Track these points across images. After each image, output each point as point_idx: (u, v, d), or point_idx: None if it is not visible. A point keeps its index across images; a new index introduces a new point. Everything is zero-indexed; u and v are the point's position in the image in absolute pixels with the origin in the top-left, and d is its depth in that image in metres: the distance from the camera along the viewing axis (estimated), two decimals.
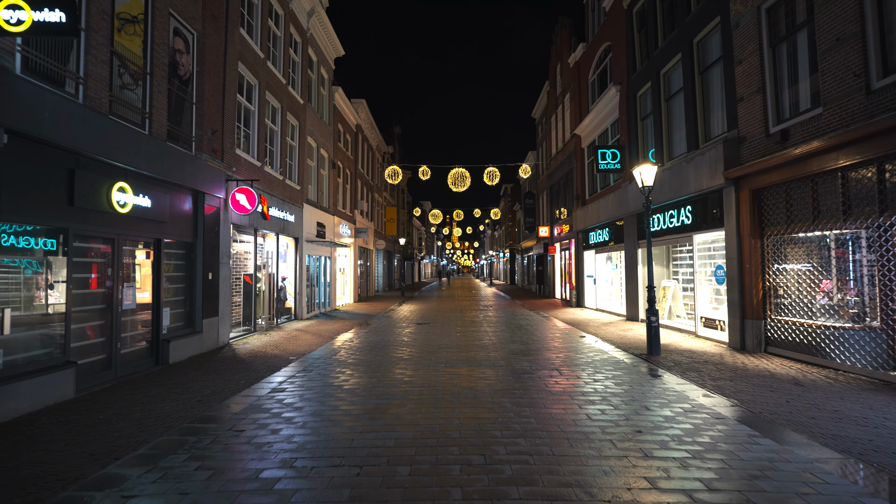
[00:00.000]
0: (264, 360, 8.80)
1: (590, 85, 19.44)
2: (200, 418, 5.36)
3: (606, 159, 15.13)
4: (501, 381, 7.00)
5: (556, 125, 25.56)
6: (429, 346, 10.10)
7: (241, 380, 7.24)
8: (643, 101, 14.26)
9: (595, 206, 17.93)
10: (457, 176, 19.75)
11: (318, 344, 10.62)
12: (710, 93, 10.69)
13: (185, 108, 9.13)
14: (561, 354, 9.06)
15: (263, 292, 13.51)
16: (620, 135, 15.58)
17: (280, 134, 13.76)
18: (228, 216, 10.46)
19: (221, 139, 10.18)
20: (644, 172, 9.11)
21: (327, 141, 19.10)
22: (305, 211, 16.01)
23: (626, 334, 11.78)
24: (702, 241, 11.11)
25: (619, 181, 15.89)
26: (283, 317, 14.73)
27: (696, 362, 8.26)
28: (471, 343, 10.53)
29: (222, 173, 10.06)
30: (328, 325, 14.02)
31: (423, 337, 11.53)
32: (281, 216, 13.54)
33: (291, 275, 15.28)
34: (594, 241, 18.46)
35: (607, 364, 8.16)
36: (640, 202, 13.63)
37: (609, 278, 18.28)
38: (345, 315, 17.20)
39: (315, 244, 17.03)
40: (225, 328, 10.30)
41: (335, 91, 20.00)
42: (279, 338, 11.47)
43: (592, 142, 18.84)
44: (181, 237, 8.92)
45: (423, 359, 8.75)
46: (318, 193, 18.01)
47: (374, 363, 8.38)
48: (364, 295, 27.15)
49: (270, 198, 12.90)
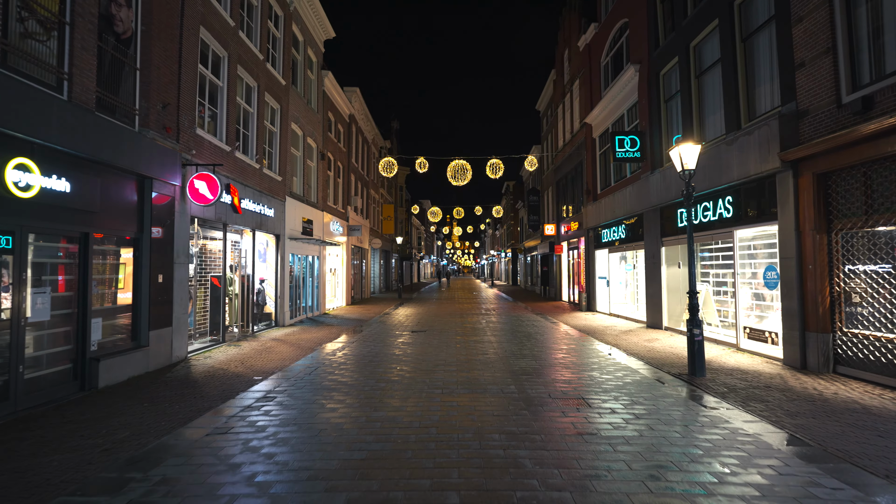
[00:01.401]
0: (222, 381, 7.20)
1: (602, 69, 17.82)
2: (90, 485, 3.74)
3: (625, 147, 13.52)
4: (514, 417, 5.38)
5: (563, 116, 23.93)
6: (424, 363, 8.49)
7: (179, 412, 5.63)
8: (667, 80, 12.64)
9: (609, 201, 16.31)
10: (457, 168, 18.18)
11: (293, 358, 9.01)
12: (757, 62, 9.07)
13: (125, 74, 7.52)
14: (583, 374, 7.44)
15: (237, 296, 11.90)
16: (640, 120, 13.96)
17: (257, 116, 12.15)
18: (186, 207, 8.85)
19: (177, 116, 8.57)
20: (685, 153, 7.48)
21: (315, 130, 17.49)
22: (289, 205, 14.40)
23: (652, 346, 10.16)
24: (745, 238, 9.50)
25: (637, 171, 14.28)
26: (261, 323, 13.12)
27: (753, 387, 6.64)
28: (473, 358, 8.92)
29: (177, 156, 8.45)
30: (312, 333, 12.40)
31: (419, 349, 9.92)
32: (257, 210, 11.94)
33: (271, 276, 13.67)
34: (607, 240, 16.84)
35: (643, 389, 6.54)
36: (664, 193, 12.02)
37: (623, 280, 16.67)
38: (334, 321, 15.59)
39: (300, 242, 15.43)
40: (181, 340, 8.69)
41: (325, 76, 18.38)
42: (250, 350, 9.86)
43: (605, 130, 17.22)
44: (119, 231, 7.31)
45: (415, 381, 7.13)
46: (305, 187, 16.40)
47: (356, 387, 6.76)
48: (358, 297, 25.54)
49: (244, 188, 11.29)
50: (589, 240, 18.75)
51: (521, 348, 9.93)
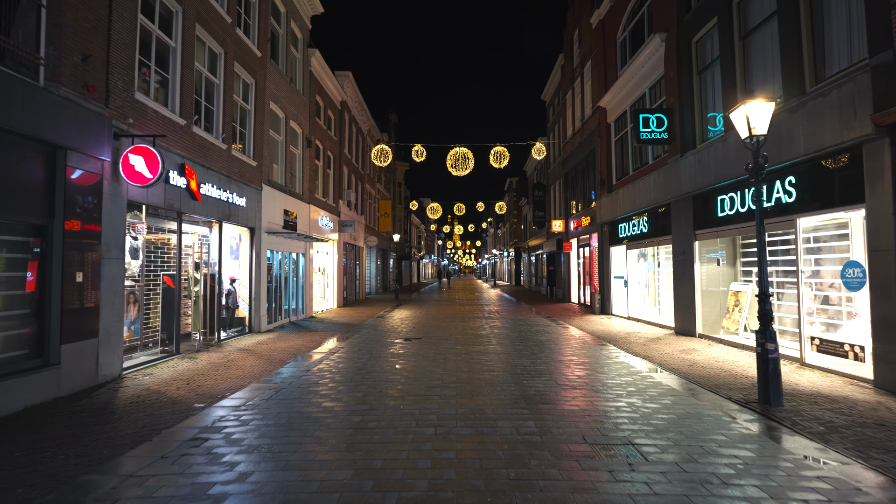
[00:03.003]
0: (151, 411, 5.48)
1: (618, 46, 16.07)
2: None
3: (649, 127, 11.78)
4: (539, 483, 3.65)
5: (572, 102, 22.19)
6: (415, 383, 6.76)
7: (61, 468, 3.92)
8: (701, 47, 10.90)
9: (627, 192, 14.57)
10: (458, 157, 16.40)
11: (255, 375, 7.29)
12: (828, 9, 7.33)
13: (23, 10, 5.81)
14: (619, 402, 5.71)
15: (200, 298, 10.19)
16: (666, 97, 12.22)
17: (223, 89, 10.43)
18: (121, 189, 7.14)
19: (106, 73, 6.85)
20: (755, 114, 5.73)
21: (301, 113, 15.77)
22: (266, 195, 12.69)
23: (692, 359, 8.42)
24: (809, 228, 7.77)
25: (663, 156, 12.54)
26: (232, 330, 11.41)
27: (857, 423, 4.91)
28: (476, 376, 7.19)
29: (106, 124, 6.74)
30: (290, 342, 10.68)
31: (412, 363, 8.19)
32: (224, 198, 10.22)
33: (245, 275, 11.96)
34: (625, 235, 15.10)
35: (708, 427, 4.80)
36: (700, 178, 10.27)
37: (643, 280, 14.92)
38: (319, 325, 13.87)
39: (282, 237, 13.71)
40: (112, 354, 6.97)
41: (311, 55, 16.66)
42: (207, 365, 8.14)
43: (622, 114, 15.47)
44: (17, 217, 5.60)
45: (400, 414, 5.41)
46: (288, 176, 14.68)
47: (323, 425, 5.04)
48: (352, 298, 23.82)
49: (205, 172, 9.57)
50: (603, 235, 17.01)
51: (535, 362, 8.20)
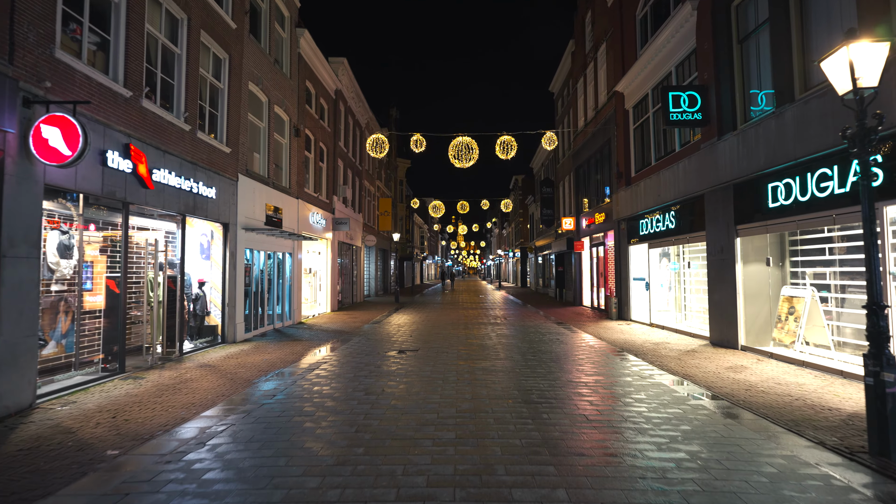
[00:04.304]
0: (39, 464, 4.02)
1: (638, 23, 14.53)
2: None
3: (681, 106, 10.24)
4: None
5: (584, 91, 20.64)
6: (404, 419, 5.26)
7: None
8: (743, 12, 9.36)
9: (650, 184, 13.03)
10: (460, 147, 14.90)
11: (206, 403, 5.82)
12: None
13: None
14: (680, 454, 4.18)
15: (159, 304, 8.73)
16: (699, 72, 10.66)
17: (186, 60, 8.97)
18: (34, 170, 5.68)
19: (9, 21, 5.40)
20: (861, 58, 4.19)
21: (288, 99, 14.32)
22: (244, 186, 11.23)
23: (745, 380, 6.86)
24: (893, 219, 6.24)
25: (693, 141, 11.00)
26: (201, 339, 9.96)
27: None
28: (482, 407, 5.68)
29: (8, 84, 5.29)
30: (266, 354, 9.21)
31: (403, 386, 6.69)
32: (187, 187, 8.77)
33: (217, 277, 10.50)
34: (647, 232, 13.55)
35: (817, 500, 3.28)
36: (744, 163, 8.73)
37: (667, 282, 13.38)
38: (306, 333, 12.39)
39: (263, 235, 12.26)
40: (18, 379, 5.50)
41: (300, 35, 15.22)
42: (151, 388, 6.67)
43: (643, 97, 13.94)
44: None
45: (377, 474, 3.91)
46: (272, 167, 13.23)
47: (265, 492, 3.55)
48: (349, 301, 22.36)
49: (161, 155, 8.11)
50: (620, 233, 15.46)
51: (553, 384, 6.68)
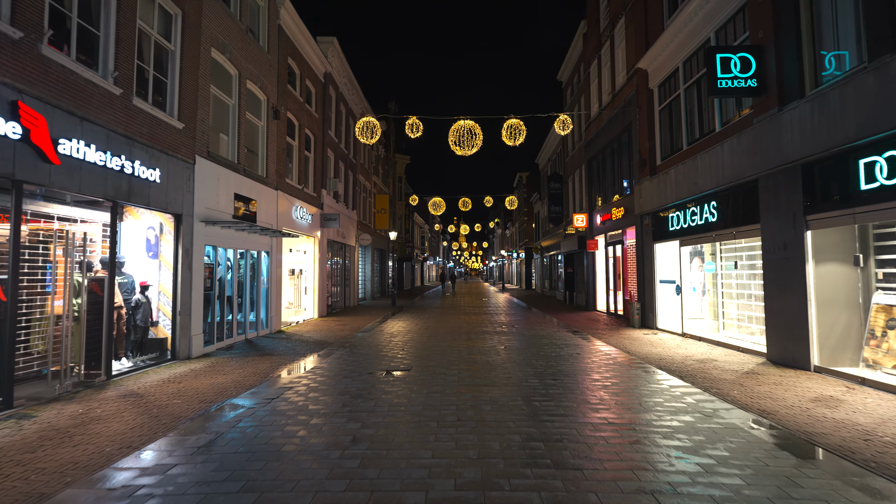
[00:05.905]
0: None
1: None
2: None
3: (731, 71, 8.40)
4: None
5: (598, 74, 18.80)
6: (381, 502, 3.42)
7: None
8: None
9: (682, 171, 11.18)
10: (462, 132, 13.06)
11: (101, 462, 3.97)
12: None
13: None
14: None
15: (79, 315, 6.89)
16: (752, 31, 8.80)
17: (116, 7, 7.14)
18: None
19: None
20: None
21: (265, 76, 12.51)
22: (204, 171, 9.41)
23: (849, 419, 4.99)
24: None
25: (742, 116, 9.15)
26: (144, 356, 8.14)
27: None
28: (494, 471, 3.82)
29: None
30: (220, 376, 7.38)
31: (383, 432, 4.84)
32: (117, 166, 6.94)
33: (168, 280, 8.67)
34: (678, 227, 11.70)
35: None
36: (820, 137, 6.85)
37: (700, 285, 11.51)
38: (283, 345, 10.56)
39: (230, 230, 10.43)
40: None
41: (281, 5, 13.41)
42: (32, 434, 4.83)
43: (671, 73, 12.09)
44: None
45: None
46: (242, 150, 11.41)
47: None
48: (342, 305, 20.53)
49: (77, 123, 6.28)
50: (644, 230, 13.60)
51: (592, 429, 4.82)
